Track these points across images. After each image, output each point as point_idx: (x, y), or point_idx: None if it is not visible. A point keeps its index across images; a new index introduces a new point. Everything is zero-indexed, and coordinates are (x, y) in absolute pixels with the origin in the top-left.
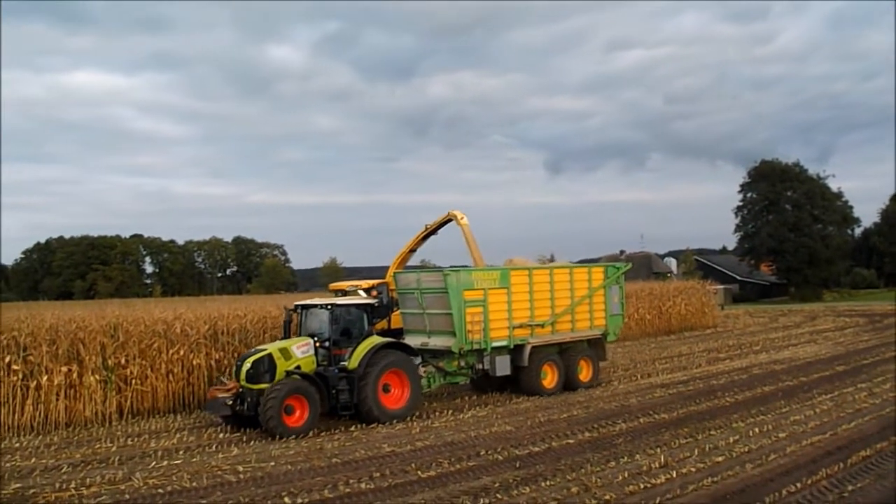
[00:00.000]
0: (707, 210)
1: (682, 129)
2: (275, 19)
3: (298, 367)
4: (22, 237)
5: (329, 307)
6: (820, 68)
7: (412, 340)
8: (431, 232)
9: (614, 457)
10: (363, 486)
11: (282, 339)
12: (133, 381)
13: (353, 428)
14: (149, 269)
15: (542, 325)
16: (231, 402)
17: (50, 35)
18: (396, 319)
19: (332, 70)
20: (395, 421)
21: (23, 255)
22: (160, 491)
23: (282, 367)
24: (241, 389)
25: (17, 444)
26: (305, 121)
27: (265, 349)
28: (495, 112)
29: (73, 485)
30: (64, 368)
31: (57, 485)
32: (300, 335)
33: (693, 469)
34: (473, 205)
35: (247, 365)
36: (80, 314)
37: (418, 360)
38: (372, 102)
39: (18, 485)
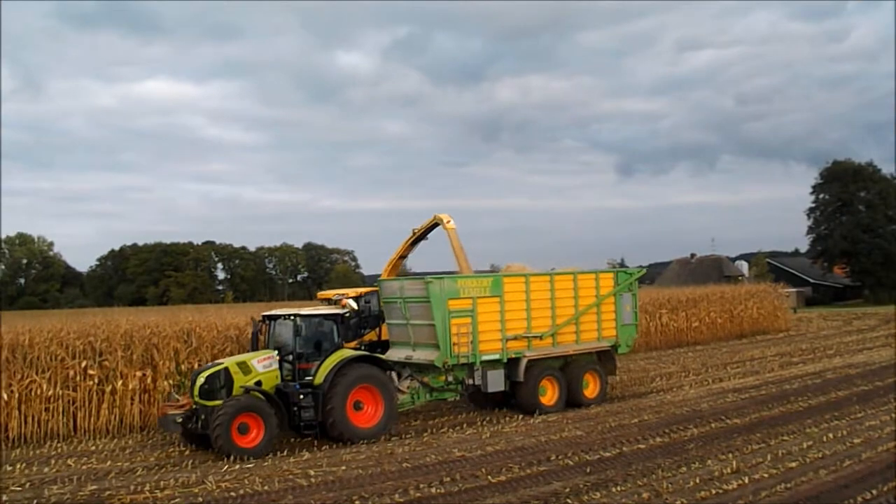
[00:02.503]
0: (779, 212)
1: (753, 129)
2: (344, 25)
3: (259, 383)
4: (96, 244)
5: (292, 318)
6: (892, 66)
7: (397, 353)
8: (420, 237)
9: (686, 462)
10: (433, 490)
11: (250, 352)
12: None
13: (424, 433)
14: (220, 275)
15: (541, 337)
16: (181, 420)
17: (123, 45)
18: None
19: (400, 75)
20: (364, 441)
21: (98, 263)
22: (232, 494)
23: (239, 382)
24: (194, 406)
25: (93, 447)
26: (375, 126)
27: (222, 363)
28: (565, 115)
29: (147, 487)
30: (138, 373)
31: (132, 487)
32: (268, 348)
33: (766, 475)
34: (543, 209)
35: (200, 380)
36: (153, 320)
37: (407, 373)
38: (441, 107)
39: (94, 487)
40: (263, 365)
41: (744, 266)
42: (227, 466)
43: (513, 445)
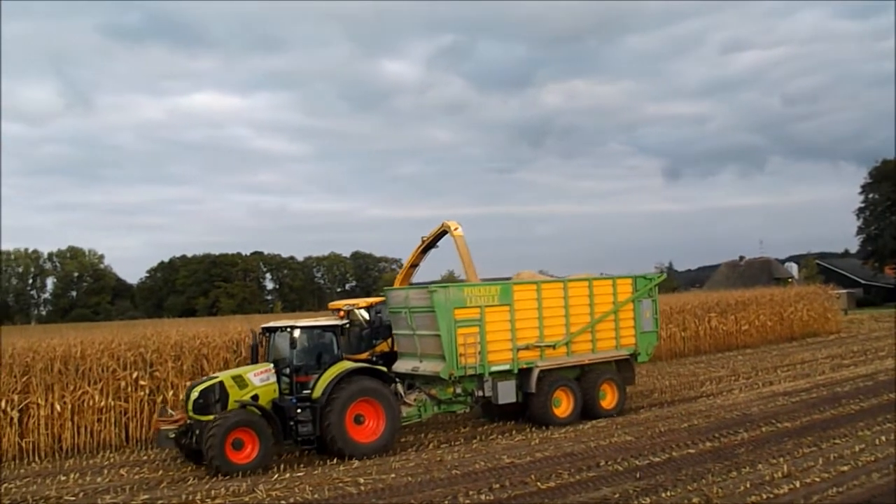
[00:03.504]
0: (828, 213)
1: (801, 130)
2: (388, 35)
3: (256, 397)
4: (146, 256)
5: (289, 329)
6: None
7: (404, 364)
8: (430, 245)
9: (736, 467)
10: (483, 497)
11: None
12: None
13: (473, 440)
14: (269, 285)
15: (554, 347)
16: (174, 436)
17: (170, 59)
18: None
19: (446, 83)
20: (366, 456)
21: (147, 274)
22: (283, 503)
23: (234, 396)
24: (188, 421)
25: (145, 457)
26: (420, 134)
27: (217, 377)
28: (611, 120)
29: (198, 496)
30: (189, 383)
31: (183, 496)
32: (268, 361)
33: (817, 479)
34: (590, 214)
35: (194, 394)
36: (203, 330)
37: (406, 384)
38: (486, 114)
39: (147, 496)
40: (260, 378)
41: (793, 268)
42: (276, 475)
43: (562, 451)
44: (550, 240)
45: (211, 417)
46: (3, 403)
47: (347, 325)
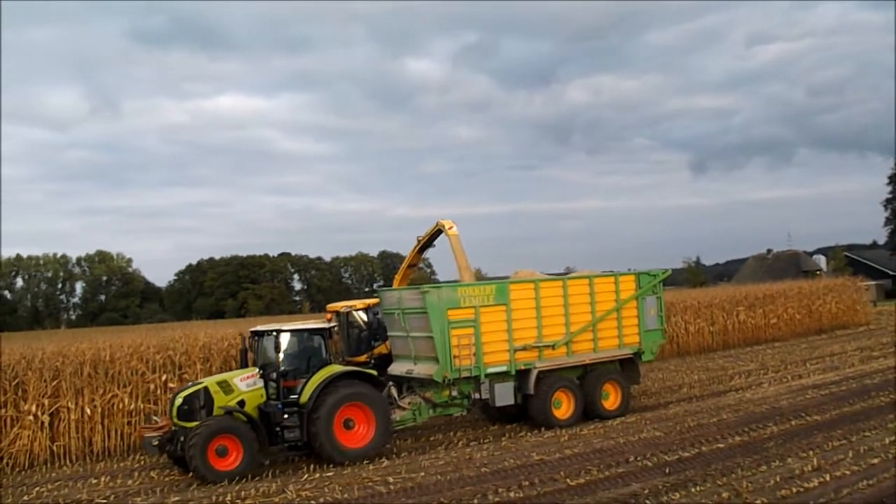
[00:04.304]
0: (857, 204)
1: (827, 122)
2: (412, 34)
3: (242, 402)
4: (174, 259)
5: (274, 333)
6: None
7: (399, 367)
8: (426, 245)
9: (765, 461)
10: (512, 494)
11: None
12: None
13: (502, 437)
14: (297, 285)
15: (553, 347)
16: (157, 443)
17: (193, 62)
18: None
19: (470, 81)
20: (357, 461)
21: (176, 277)
22: (312, 503)
23: (220, 401)
24: (173, 428)
25: None
26: (446, 133)
27: (201, 382)
28: (636, 114)
29: (228, 497)
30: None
31: (214, 497)
32: (257, 365)
33: (847, 472)
34: (616, 210)
35: (178, 400)
36: (231, 332)
37: (406, 389)
38: (511, 111)
39: (177, 498)
40: (247, 383)
41: (821, 260)
42: (306, 475)
43: (591, 448)
44: (577, 236)
45: (195, 424)
46: (34, 407)
47: (336, 328)
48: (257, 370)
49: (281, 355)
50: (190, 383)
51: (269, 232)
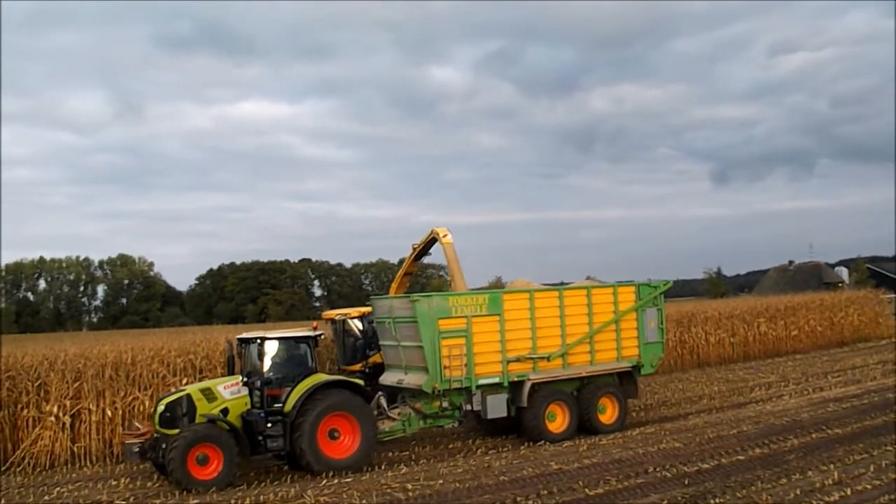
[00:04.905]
0: (879, 216)
1: (850, 132)
2: (435, 41)
3: (226, 410)
4: (195, 263)
5: (258, 340)
6: None
7: (390, 377)
8: (421, 253)
9: (785, 473)
10: (530, 503)
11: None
12: None
13: (521, 446)
14: (317, 291)
15: (548, 358)
16: (139, 450)
17: (218, 68)
18: None
19: (493, 88)
20: (343, 472)
21: (197, 282)
22: None
23: (202, 409)
24: (155, 435)
25: None
26: (469, 140)
27: (184, 389)
28: (659, 124)
29: (247, 501)
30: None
31: (233, 501)
32: (242, 373)
33: (868, 486)
34: (638, 219)
35: (161, 407)
36: None
37: (399, 400)
38: (534, 119)
39: (196, 501)
40: (231, 391)
41: (843, 272)
42: (325, 481)
43: (610, 458)
44: (598, 246)
45: (176, 431)
46: (55, 408)
47: (322, 336)
48: (240, 378)
49: (265, 363)
50: (173, 390)
51: (291, 238)
